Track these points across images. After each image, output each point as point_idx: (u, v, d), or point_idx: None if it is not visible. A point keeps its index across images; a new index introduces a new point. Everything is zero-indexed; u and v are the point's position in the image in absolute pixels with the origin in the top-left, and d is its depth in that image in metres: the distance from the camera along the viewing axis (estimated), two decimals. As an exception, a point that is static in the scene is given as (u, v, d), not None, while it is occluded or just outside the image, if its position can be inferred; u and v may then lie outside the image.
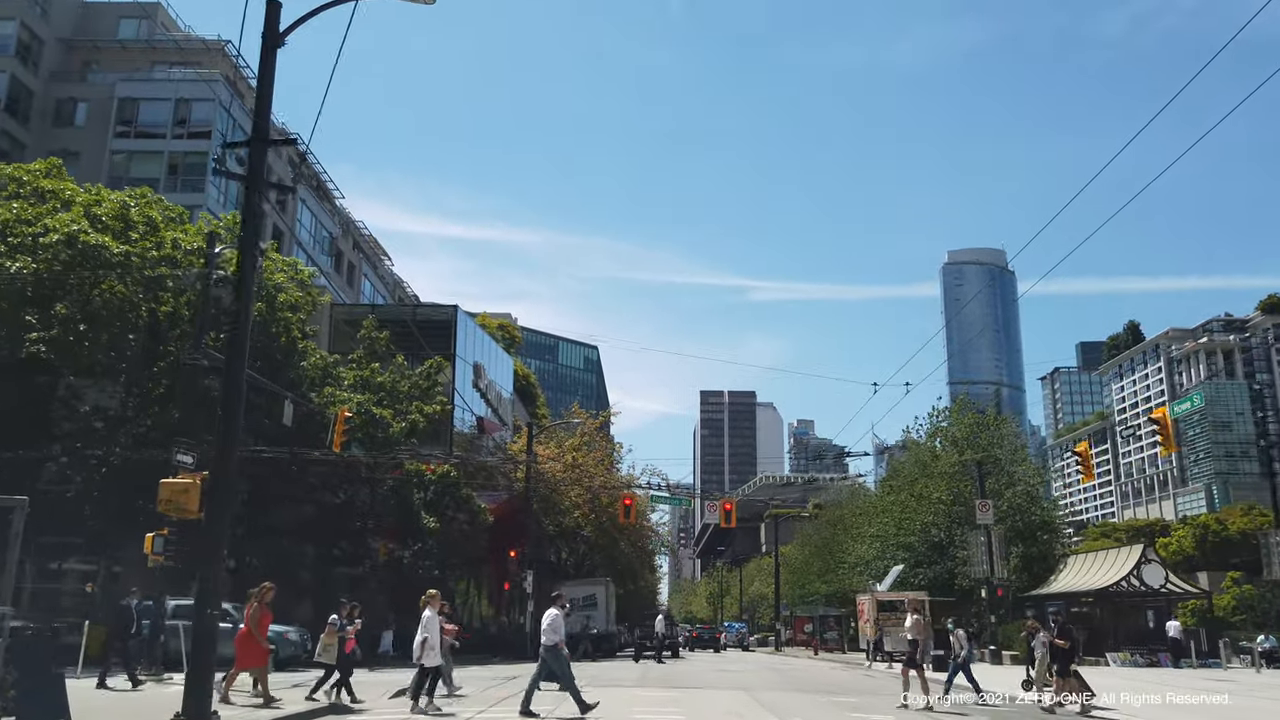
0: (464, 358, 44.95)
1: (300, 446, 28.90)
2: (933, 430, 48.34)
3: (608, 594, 44.50)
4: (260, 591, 15.75)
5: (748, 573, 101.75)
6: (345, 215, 65.81)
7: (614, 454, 50.23)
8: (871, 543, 48.57)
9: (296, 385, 31.57)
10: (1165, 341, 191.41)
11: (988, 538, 34.73)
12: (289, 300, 33.21)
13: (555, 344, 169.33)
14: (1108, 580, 35.06)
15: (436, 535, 33.94)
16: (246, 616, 15.60)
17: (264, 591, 15.74)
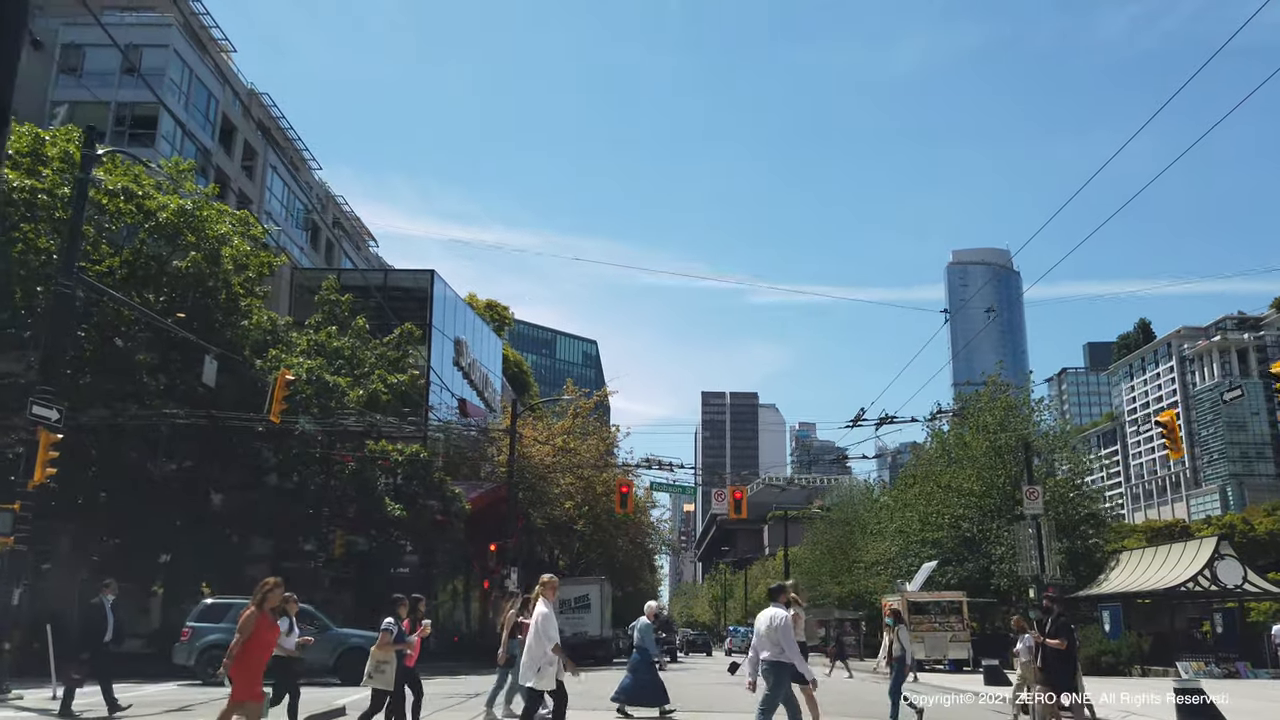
0: (443, 330, 40.43)
1: (244, 420, 24.44)
2: (962, 415, 43.78)
3: (603, 595, 40.06)
4: (261, 592, 10.14)
5: (752, 575, 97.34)
6: (324, 189, 61.40)
7: (611, 439, 45.59)
8: (894, 539, 44.09)
9: (236, 348, 27.16)
10: (1177, 340, 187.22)
11: (1037, 529, 30.24)
12: (235, 255, 28.84)
13: (553, 338, 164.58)
14: (1175, 579, 30.58)
15: (404, 525, 29.50)
16: (240, 628, 9.97)
17: (266, 592, 10.08)
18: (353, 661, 21.03)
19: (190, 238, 27.73)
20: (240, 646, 9.13)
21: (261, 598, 9.66)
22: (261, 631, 9.48)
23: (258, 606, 9.60)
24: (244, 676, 9.31)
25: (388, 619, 11.43)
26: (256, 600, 9.67)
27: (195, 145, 43.08)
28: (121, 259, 28.10)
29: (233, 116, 46.94)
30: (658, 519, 57.87)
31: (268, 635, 9.67)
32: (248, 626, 9.38)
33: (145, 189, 27.34)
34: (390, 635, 11.14)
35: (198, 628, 21.35)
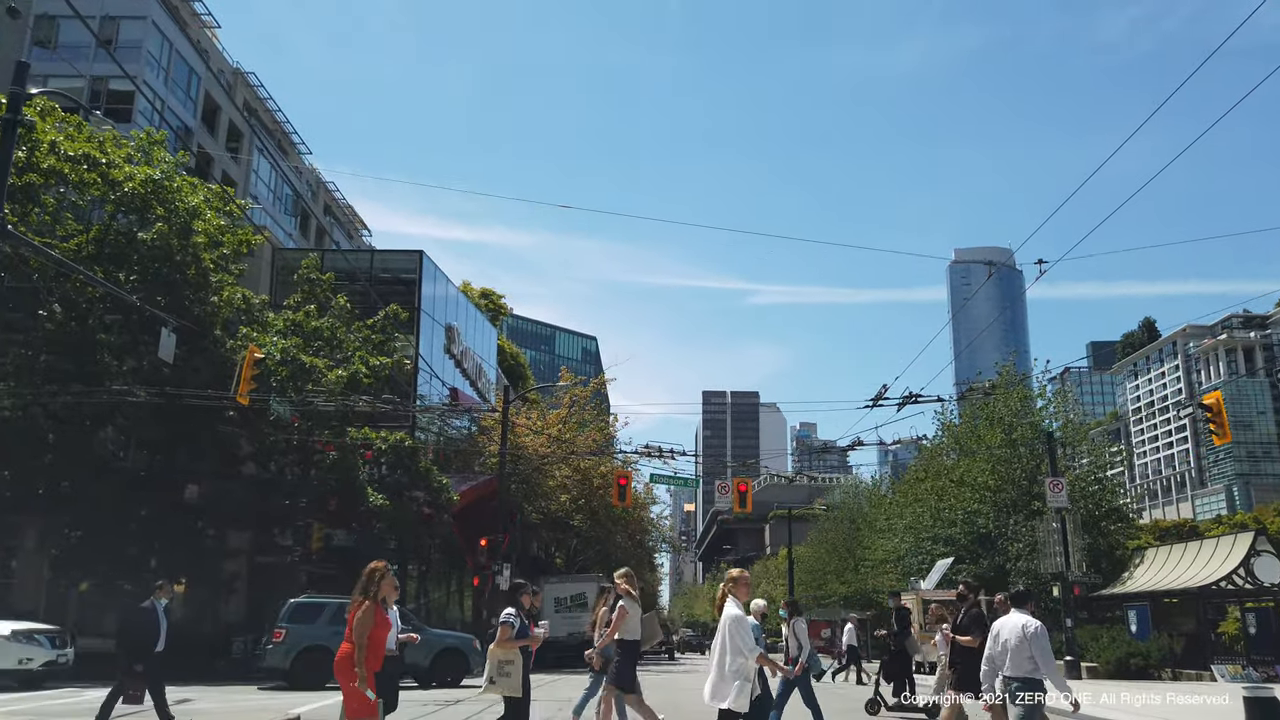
0: (433, 315, 38.52)
1: (206, 398, 22.60)
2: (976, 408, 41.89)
3: (600, 593, 38.21)
4: (369, 578, 7.62)
5: (754, 574, 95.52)
6: (314, 175, 59.56)
7: (609, 428, 43.70)
8: (904, 535, 42.21)
9: (206, 326, 25.36)
10: (1182, 339, 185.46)
11: (1061, 524, 28.45)
12: (208, 230, 27.02)
13: (552, 333, 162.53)
14: (1208, 576, 28.69)
15: (388, 517, 27.65)
16: (349, 626, 7.62)
17: (378, 579, 7.63)
18: (448, 664, 21.17)
19: (160, 211, 25.95)
20: (364, 649, 7.17)
21: (374, 587, 7.47)
22: (380, 629, 7.43)
23: (370, 598, 7.46)
24: (359, 690, 7.26)
25: (507, 610, 9.17)
26: (368, 590, 7.46)
27: (176, 123, 41.29)
28: (91, 235, 26.36)
29: (216, 96, 45.11)
30: (658, 515, 56.09)
31: (383, 633, 7.56)
32: (366, 623, 7.25)
33: (111, 157, 25.55)
34: (511, 630, 8.92)
35: (292, 629, 20.13)
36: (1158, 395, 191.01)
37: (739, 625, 7.68)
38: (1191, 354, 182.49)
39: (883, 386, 18.19)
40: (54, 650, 18.89)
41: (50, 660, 18.70)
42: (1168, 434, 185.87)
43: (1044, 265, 19.49)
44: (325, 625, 19.94)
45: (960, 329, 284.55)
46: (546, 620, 11.42)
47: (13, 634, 18.10)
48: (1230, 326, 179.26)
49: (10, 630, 18.19)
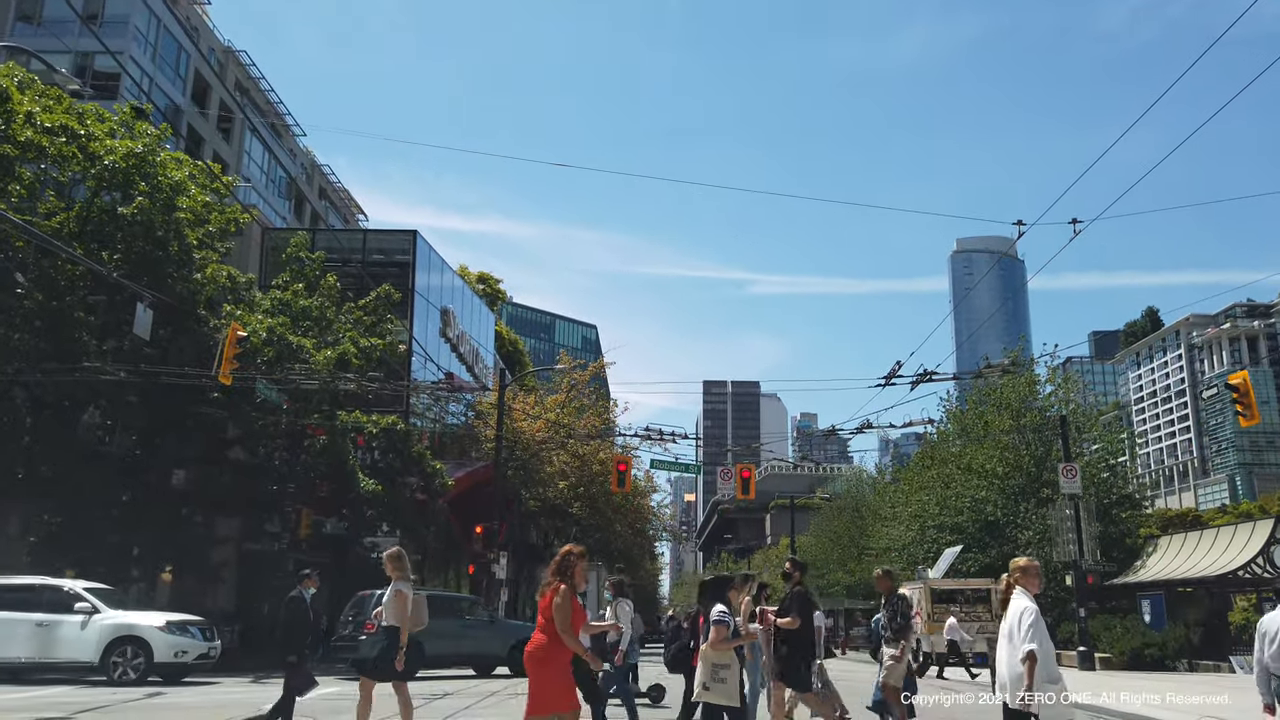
0: (427, 298, 37.52)
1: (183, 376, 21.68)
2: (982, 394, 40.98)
3: (599, 583, 37.40)
4: (563, 561, 6.83)
5: (754, 564, 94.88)
6: (309, 158, 58.48)
7: (609, 413, 42.75)
8: (910, 523, 41.36)
9: (189, 304, 24.42)
10: (1185, 328, 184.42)
11: (1075, 511, 27.58)
12: (193, 206, 26.05)
13: (552, 322, 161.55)
14: (1226, 565, 27.86)
15: (380, 503, 26.78)
16: (543, 609, 6.83)
17: (571, 561, 6.82)
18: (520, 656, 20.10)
19: (143, 186, 24.99)
20: (564, 638, 6.33)
21: (569, 570, 6.59)
22: (579, 615, 6.53)
23: (567, 582, 6.58)
24: (557, 680, 6.38)
25: (719, 608, 8.07)
26: (563, 573, 6.59)
27: (164, 101, 40.24)
28: (75, 213, 25.40)
29: (206, 74, 44.04)
30: (658, 504, 55.22)
31: (581, 620, 6.68)
32: (566, 609, 6.35)
33: (90, 130, 24.58)
34: (727, 630, 7.95)
35: None
36: (1160, 385, 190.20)
37: (1036, 621, 6.68)
38: (1195, 343, 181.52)
39: (896, 363, 17.30)
40: (205, 642, 18.42)
41: (202, 653, 18.29)
42: (1170, 423, 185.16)
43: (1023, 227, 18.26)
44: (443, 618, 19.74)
45: (962, 319, 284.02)
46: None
47: (168, 625, 17.77)
48: (1234, 315, 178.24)
49: (165, 621, 17.85)
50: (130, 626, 17.30)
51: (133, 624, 17.40)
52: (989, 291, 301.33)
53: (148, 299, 18.02)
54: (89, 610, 17.27)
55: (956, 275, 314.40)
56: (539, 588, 6.72)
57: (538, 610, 6.66)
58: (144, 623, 17.51)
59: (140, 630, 17.27)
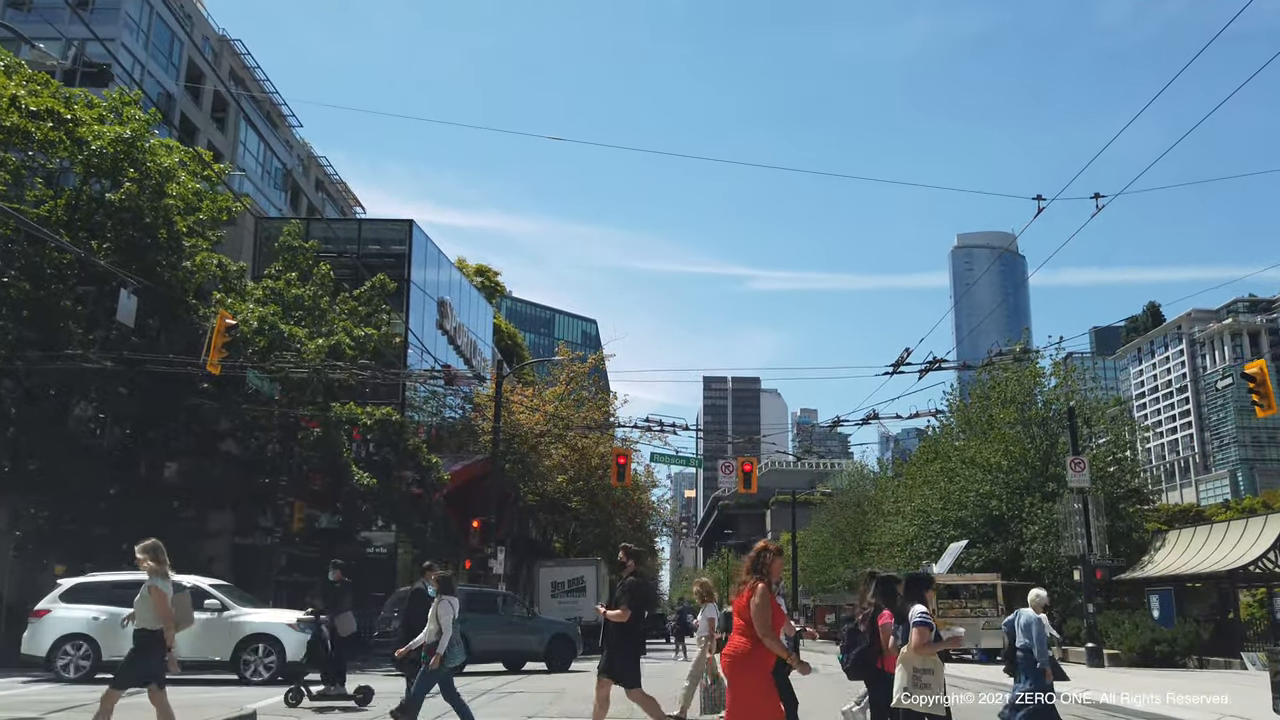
0: (424, 289, 36.98)
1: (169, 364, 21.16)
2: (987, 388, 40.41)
3: (599, 577, 36.91)
4: (758, 558, 6.31)
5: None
6: (305, 149, 57.91)
7: (608, 406, 42.24)
8: (913, 518, 40.82)
9: (178, 292, 23.90)
10: (1187, 323, 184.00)
11: (1084, 504, 27.07)
12: (183, 193, 25.50)
13: (551, 316, 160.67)
14: (1237, 560, 27.31)
15: (375, 497, 26.27)
16: (739, 610, 6.25)
17: (767, 559, 6.28)
18: (560, 649, 21.83)
19: (132, 173, 24.46)
20: (765, 640, 5.82)
21: (765, 568, 6.10)
22: (779, 615, 6.10)
23: (764, 579, 6.04)
24: (760, 686, 5.86)
25: (919, 608, 7.41)
26: (760, 570, 6.08)
27: (156, 90, 39.69)
28: (63, 200, 24.88)
29: (200, 63, 43.47)
30: (658, 499, 54.74)
31: (782, 620, 6.30)
32: (767, 608, 5.86)
33: (78, 114, 24.04)
34: (930, 633, 7.29)
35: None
36: (1161, 380, 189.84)
37: None
38: (1196, 338, 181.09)
39: (905, 350, 16.75)
40: None
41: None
42: (1171, 419, 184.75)
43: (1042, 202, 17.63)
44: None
45: (963, 315, 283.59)
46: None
47: (299, 623, 17.29)
48: (1236, 310, 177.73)
49: (296, 619, 17.47)
50: (262, 625, 17.20)
51: (265, 622, 17.30)
52: (990, 287, 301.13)
53: (132, 284, 17.45)
54: (217, 608, 17.10)
55: (957, 271, 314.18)
56: (733, 586, 6.16)
57: (732, 611, 6.21)
58: (275, 621, 17.40)
59: (273, 629, 17.11)
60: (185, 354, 22.62)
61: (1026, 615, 9.63)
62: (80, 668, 16.30)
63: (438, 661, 9.46)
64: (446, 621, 9.56)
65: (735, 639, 5.94)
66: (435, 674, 9.60)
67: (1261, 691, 13.41)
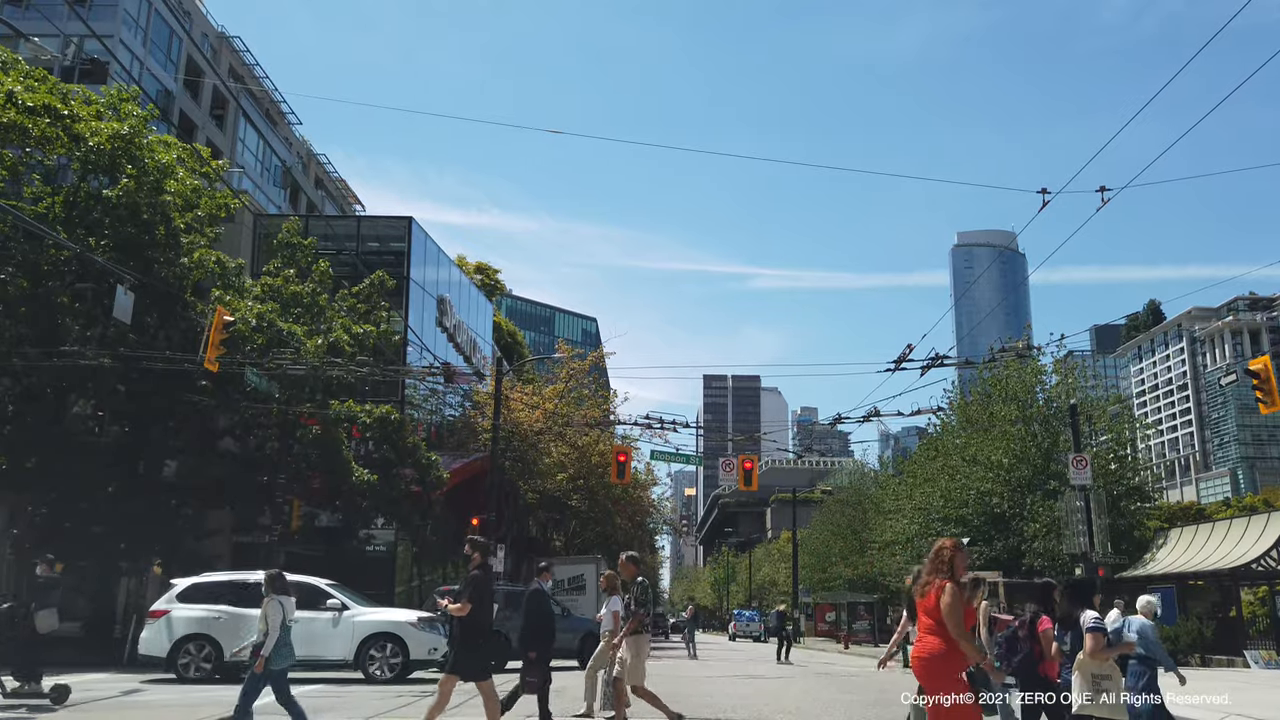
0: (423, 286, 36.86)
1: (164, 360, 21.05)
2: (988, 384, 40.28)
3: (599, 575, 36.75)
4: (938, 556, 6.24)
5: (756, 557, 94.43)
6: (305, 146, 57.79)
7: (608, 403, 42.10)
8: (914, 516, 40.70)
9: (175, 289, 23.78)
10: (1188, 321, 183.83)
11: (1085, 502, 26.94)
12: (181, 190, 25.38)
13: (551, 314, 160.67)
14: (1240, 557, 27.26)
15: (374, 495, 26.16)
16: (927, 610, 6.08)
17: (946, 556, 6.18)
18: (590, 647, 21.02)
19: (130, 169, 24.33)
20: (960, 643, 5.70)
21: (948, 566, 5.96)
22: (971, 617, 6.11)
23: (952, 578, 5.90)
24: (957, 685, 5.74)
25: (1090, 614, 7.14)
26: (946, 569, 5.92)
27: (155, 87, 39.57)
28: (61, 197, 24.75)
29: (199, 60, 43.34)
30: (659, 497, 54.60)
31: (972, 619, 6.35)
32: (957, 608, 5.73)
33: (75, 110, 23.91)
34: (1104, 638, 7.03)
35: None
36: (1162, 378, 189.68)
37: None
38: (1197, 336, 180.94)
39: (908, 346, 16.61)
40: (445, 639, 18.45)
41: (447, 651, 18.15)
42: (1171, 417, 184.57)
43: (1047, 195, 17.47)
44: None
45: (963, 313, 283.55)
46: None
47: (420, 622, 17.66)
48: (1236, 308, 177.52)
49: (417, 618, 17.80)
50: (385, 624, 17.23)
51: (388, 621, 17.36)
52: (990, 285, 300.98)
53: (129, 280, 17.34)
54: (338, 607, 17.16)
55: (957, 269, 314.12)
56: (917, 586, 5.98)
57: (916, 611, 6.07)
58: (399, 619, 17.48)
59: (396, 628, 17.16)
60: (183, 351, 22.53)
61: (1140, 622, 9.54)
62: (202, 669, 16.41)
63: (262, 664, 8.96)
64: (275, 622, 9.06)
65: (927, 640, 5.79)
66: (262, 677, 9.07)
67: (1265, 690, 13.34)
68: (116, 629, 25.07)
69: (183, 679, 16.14)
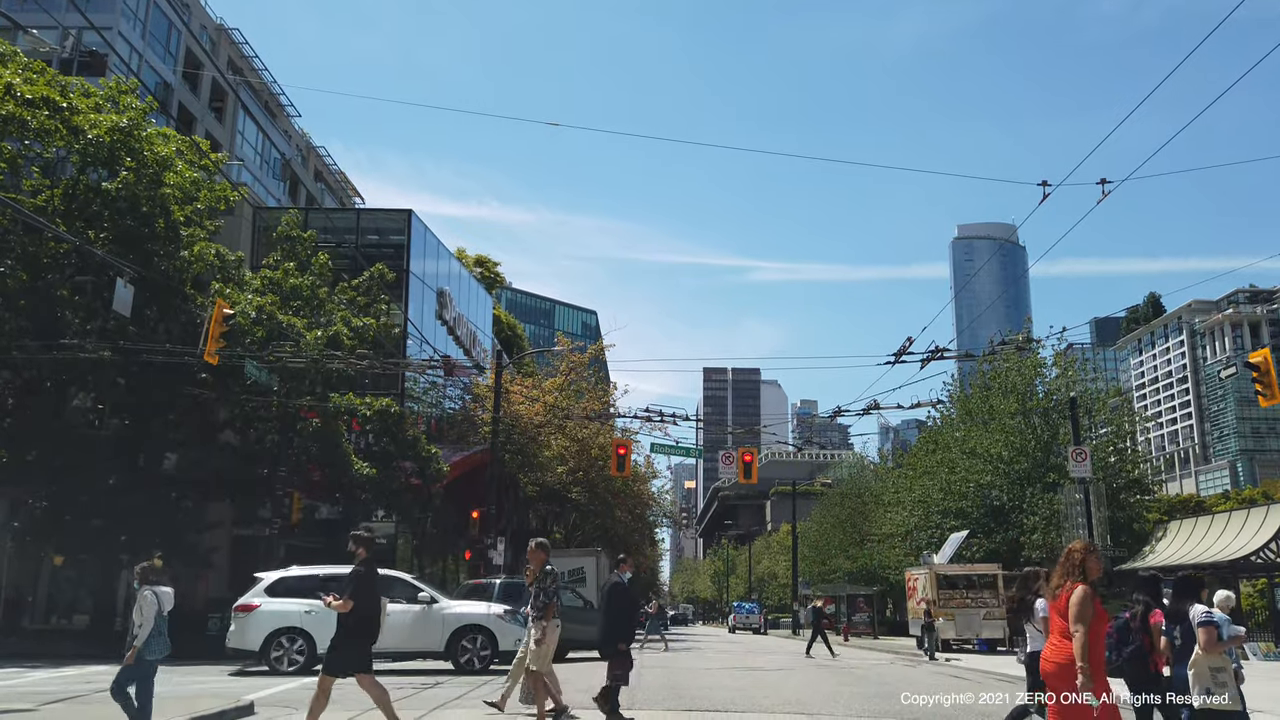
0: (423, 279, 36.82)
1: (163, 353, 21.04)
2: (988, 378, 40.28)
3: (599, 567, 36.75)
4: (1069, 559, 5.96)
5: (755, 550, 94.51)
6: (304, 139, 57.66)
7: (608, 396, 42.08)
8: (914, 509, 40.75)
9: (175, 282, 23.77)
10: (1188, 314, 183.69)
11: (1085, 495, 26.99)
12: (180, 183, 25.34)
13: (551, 307, 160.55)
14: (1239, 550, 27.30)
15: (374, 487, 26.18)
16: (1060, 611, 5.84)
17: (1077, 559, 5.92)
18: None
19: (129, 162, 24.29)
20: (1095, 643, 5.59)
21: (1081, 566, 5.82)
22: (1101, 620, 5.79)
23: (1083, 580, 5.75)
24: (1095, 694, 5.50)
25: (1198, 607, 7.11)
26: (1078, 571, 5.79)
27: (154, 79, 39.47)
28: (62, 190, 24.72)
29: (198, 53, 43.23)
30: (659, 490, 54.59)
31: (1104, 626, 5.99)
32: (1088, 611, 5.58)
33: (74, 103, 23.87)
34: (1216, 632, 6.96)
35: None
36: (1162, 371, 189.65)
37: None
38: (1197, 329, 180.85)
39: (907, 339, 16.59)
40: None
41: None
42: (1171, 409, 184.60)
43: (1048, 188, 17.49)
44: None
45: (963, 306, 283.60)
46: None
47: (506, 614, 18.20)
48: (1236, 301, 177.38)
49: (503, 611, 18.35)
50: (475, 616, 17.91)
51: (477, 614, 18.01)
52: (990, 278, 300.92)
53: (129, 273, 17.31)
54: (428, 600, 17.69)
55: (957, 261, 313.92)
56: (1047, 589, 5.91)
57: (1048, 615, 6.03)
58: (488, 613, 18.13)
59: (486, 620, 17.84)
60: (183, 344, 22.53)
61: (1217, 618, 9.53)
62: (295, 661, 16.62)
63: (133, 655, 8.67)
64: (149, 614, 8.80)
65: (1062, 645, 5.72)
66: (134, 670, 8.75)
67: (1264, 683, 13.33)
68: (117, 621, 25.12)
69: (276, 671, 16.34)
